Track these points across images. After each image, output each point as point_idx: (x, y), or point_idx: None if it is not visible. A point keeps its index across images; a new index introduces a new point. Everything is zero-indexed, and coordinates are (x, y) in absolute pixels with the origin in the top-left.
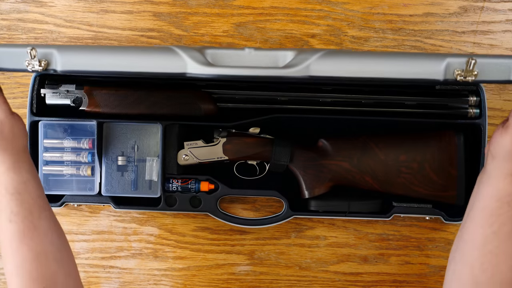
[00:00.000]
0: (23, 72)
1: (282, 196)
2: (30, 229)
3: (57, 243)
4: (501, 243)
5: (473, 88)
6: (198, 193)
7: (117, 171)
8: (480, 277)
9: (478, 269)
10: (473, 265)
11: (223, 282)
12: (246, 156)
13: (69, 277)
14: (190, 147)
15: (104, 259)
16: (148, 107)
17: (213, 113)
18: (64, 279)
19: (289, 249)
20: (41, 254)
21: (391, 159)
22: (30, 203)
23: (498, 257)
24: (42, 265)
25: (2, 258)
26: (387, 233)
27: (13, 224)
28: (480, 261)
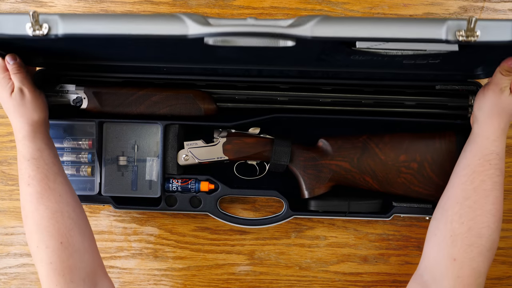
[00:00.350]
0: (24, 37)
1: (282, 196)
2: (46, 191)
3: (72, 204)
4: (480, 198)
5: (473, 88)
6: (198, 193)
7: (117, 171)
8: (458, 230)
9: (456, 222)
10: (452, 219)
11: (223, 282)
12: (246, 156)
13: (83, 235)
14: (190, 147)
15: (104, 259)
16: (148, 107)
17: (213, 113)
18: (79, 236)
19: (289, 249)
20: (57, 212)
21: (391, 159)
22: (45, 168)
23: (475, 212)
24: (58, 222)
25: (24, 220)
26: (387, 233)
27: (31, 187)
28: (459, 214)
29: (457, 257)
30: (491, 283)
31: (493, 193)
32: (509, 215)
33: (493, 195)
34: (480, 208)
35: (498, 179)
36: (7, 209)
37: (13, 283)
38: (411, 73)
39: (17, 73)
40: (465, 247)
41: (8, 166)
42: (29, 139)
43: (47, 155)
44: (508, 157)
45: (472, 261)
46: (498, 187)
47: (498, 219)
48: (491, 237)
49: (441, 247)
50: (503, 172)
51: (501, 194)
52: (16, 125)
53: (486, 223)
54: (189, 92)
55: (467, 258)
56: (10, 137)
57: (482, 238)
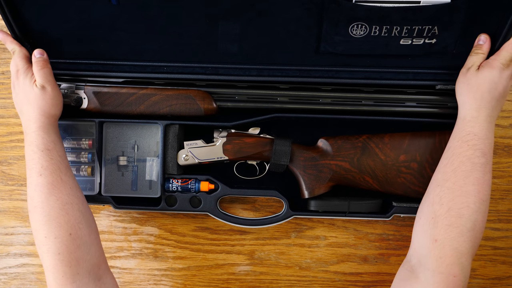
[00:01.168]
0: None
1: (282, 196)
2: (58, 182)
3: (80, 197)
4: (459, 180)
5: None
6: (198, 193)
7: (117, 171)
8: (438, 211)
9: (437, 203)
10: (433, 201)
11: (223, 282)
12: (246, 156)
13: (90, 228)
14: (190, 147)
15: None
16: (148, 107)
17: (213, 113)
18: (86, 229)
19: (289, 249)
20: (68, 204)
21: (391, 159)
22: (58, 160)
23: (454, 193)
24: (68, 214)
25: (31, 211)
26: (387, 233)
27: (43, 178)
28: (439, 196)
29: (438, 237)
30: (491, 283)
31: (473, 174)
32: (509, 215)
33: (473, 176)
34: (459, 189)
35: (478, 160)
36: (7, 209)
37: (13, 283)
38: (411, 72)
39: (43, 68)
40: (445, 227)
41: (8, 166)
42: (44, 130)
43: (60, 148)
44: (508, 157)
45: (453, 241)
46: (480, 168)
47: (479, 200)
48: (471, 217)
49: (424, 229)
50: (487, 153)
51: (484, 175)
52: (31, 115)
53: (465, 203)
54: (189, 92)
55: (447, 238)
56: (10, 137)
57: (462, 218)
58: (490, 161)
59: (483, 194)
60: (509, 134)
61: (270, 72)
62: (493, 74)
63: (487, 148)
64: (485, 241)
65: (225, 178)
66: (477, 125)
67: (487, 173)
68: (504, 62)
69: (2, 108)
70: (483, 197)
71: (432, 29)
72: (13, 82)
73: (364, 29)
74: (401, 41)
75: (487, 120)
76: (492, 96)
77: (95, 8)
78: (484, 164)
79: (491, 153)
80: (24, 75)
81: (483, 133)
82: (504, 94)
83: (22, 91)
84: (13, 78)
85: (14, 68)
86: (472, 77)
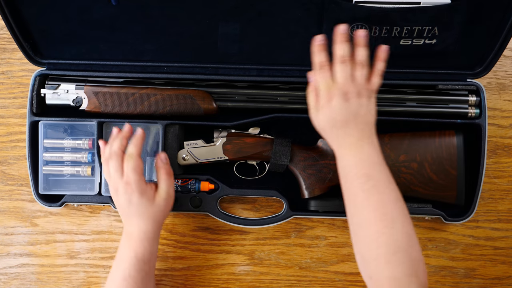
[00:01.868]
0: None
1: (282, 196)
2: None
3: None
4: (361, 212)
5: (473, 88)
6: (198, 193)
7: None
8: (361, 248)
9: (357, 242)
10: (354, 240)
11: (223, 282)
12: (246, 156)
13: None
14: (190, 147)
15: (104, 259)
16: (148, 107)
17: (213, 113)
18: None
19: (289, 249)
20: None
21: (391, 159)
22: (147, 272)
23: (363, 227)
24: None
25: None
26: None
27: (126, 283)
28: (355, 233)
29: (371, 274)
30: (491, 283)
31: (370, 200)
32: (509, 215)
33: (371, 203)
34: (366, 221)
35: (366, 185)
36: (7, 209)
37: (13, 283)
38: (411, 72)
39: (171, 176)
40: (372, 262)
41: (8, 166)
42: (149, 241)
43: (154, 259)
44: (508, 157)
45: (384, 271)
46: (373, 191)
47: (390, 220)
48: (389, 241)
49: (361, 270)
50: (371, 173)
51: (382, 195)
52: (142, 226)
53: (378, 232)
54: (189, 92)
55: (377, 272)
56: (10, 137)
57: (382, 247)
58: (381, 177)
59: (391, 212)
60: (509, 134)
61: (270, 72)
62: (323, 113)
63: (368, 169)
64: (485, 241)
65: (225, 178)
66: (346, 157)
67: (383, 191)
68: (316, 101)
69: (2, 108)
70: (392, 216)
71: (432, 30)
72: (121, 188)
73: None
74: (401, 42)
75: (350, 148)
76: (332, 125)
77: (95, 8)
78: (374, 186)
79: (376, 168)
80: (139, 193)
81: (354, 160)
82: (347, 117)
83: (135, 205)
84: (121, 184)
85: (126, 180)
86: (313, 120)
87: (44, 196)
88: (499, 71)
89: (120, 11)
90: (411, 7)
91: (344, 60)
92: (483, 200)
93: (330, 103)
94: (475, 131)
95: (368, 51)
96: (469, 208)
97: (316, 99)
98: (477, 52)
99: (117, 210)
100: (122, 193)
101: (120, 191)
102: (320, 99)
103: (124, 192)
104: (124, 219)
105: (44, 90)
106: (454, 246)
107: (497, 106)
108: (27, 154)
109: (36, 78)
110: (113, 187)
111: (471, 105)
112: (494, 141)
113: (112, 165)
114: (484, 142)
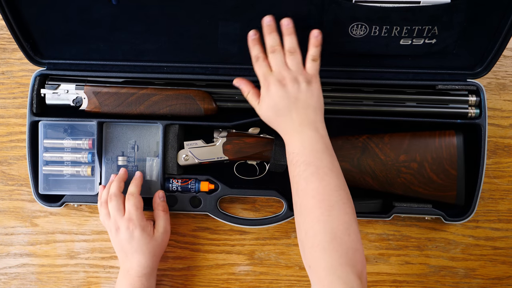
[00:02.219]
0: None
1: (282, 196)
2: None
3: None
4: (302, 200)
5: (473, 88)
6: (198, 193)
7: (117, 171)
8: (301, 237)
9: (299, 230)
10: (297, 229)
11: (223, 282)
12: (246, 156)
13: None
14: (190, 147)
15: (104, 259)
16: (148, 107)
17: (213, 113)
18: None
19: (289, 249)
20: None
21: (391, 159)
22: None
23: (303, 214)
24: None
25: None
26: (387, 233)
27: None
28: (297, 222)
29: (310, 263)
30: (491, 283)
31: (309, 187)
32: (509, 215)
33: (310, 190)
34: (305, 209)
35: (305, 173)
36: (7, 209)
37: (13, 283)
38: (411, 72)
39: (166, 212)
40: (309, 251)
41: (8, 166)
42: (147, 278)
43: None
44: (508, 157)
45: (320, 260)
46: (312, 178)
47: (327, 208)
48: (326, 228)
49: (303, 259)
50: (311, 161)
51: (321, 182)
52: (142, 261)
53: (314, 219)
54: (189, 92)
55: (314, 260)
56: (10, 137)
57: (318, 235)
58: (321, 164)
59: (329, 200)
60: (509, 134)
61: None
62: (265, 103)
63: (308, 156)
64: (485, 241)
65: (225, 178)
66: (290, 144)
67: (322, 178)
68: (257, 97)
69: (2, 108)
70: (330, 203)
71: (432, 29)
72: (123, 226)
73: (364, 29)
74: (401, 41)
75: (293, 134)
76: (275, 113)
77: (95, 8)
78: (314, 173)
79: (318, 155)
80: (140, 228)
81: (296, 146)
82: (287, 103)
83: (137, 240)
84: (123, 221)
85: (124, 215)
86: (259, 114)
87: (44, 196)
88: (499, 71)
89: (120, 11)
90: (411, 6)
91: (274, 49)
92: (483, 200)
93: (269, 91)
94: (475, 131)
95: (295, 38)
96: (469, 208)
97: (256, 97)
98: (477, 52)
99: (115, 250)
100: (124, 230)
101: (121, 228)
102: (260, 92)
103: (126, 228)
104: (123, 256)
105: (44, 90)
106: (454, 246)
107: (497, 106)
108: (27, 154)
109: (36, 78)
110: (113, 226)
111: (471, 105)
112: (494, 141)
113: (113, 205)
114: (484, 142)
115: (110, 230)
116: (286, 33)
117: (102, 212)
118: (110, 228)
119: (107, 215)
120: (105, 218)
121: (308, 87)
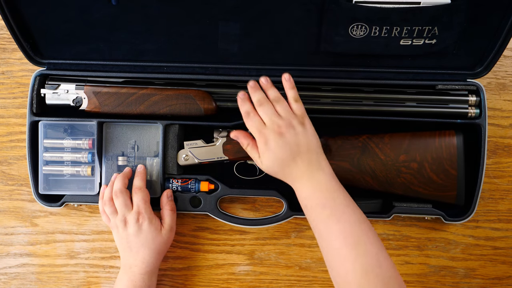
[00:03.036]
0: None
1: (282, 196)
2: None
3: None
4: (327, 242)
5: (473, 88)
6: (198, 193)
7: (117, 171)
8: (333, 277)
9: (330, 269)
10: (328, 265)
11: (223, 282)
12: (246, 156)
13: None
14: (190, 147)
15: (104, 259)
16: (148, 107)
17: (213, 113)
18: None
19: (289, 249)
20: None
21: (391, 159)
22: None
23: (333, 256)
24: None
25: None
26: (387, 233)
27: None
28: (327, 261)
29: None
30: (491, 283)
31: (330, 229)
32: (509, 215)
33: (330, 232)
34: (333, 250)
35: (324, 216)
36: (7, 209)
37: (13, 283)
38: (411, 72)
39: (175, 211)
40: None
41: (8, 166)
42: (149, 276)
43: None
44: (508, 157)
45: None
46: (331, 219)
47: (352, 245)
48: (355, 266)
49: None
50: (326, 203)
51: (338, 223)
52: (146, 258)
53: (343, 258)
54: (189, 92)
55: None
56: (10, 137)
57: (349, 274)
58: (335, 203)
59: (351, 237)
60: (509, 134)
61: (270, 72)
62: (267, 158)
63: (321, 199)
64: (485, 241)
65: (225, 178)
66: (300, 190)
67: (341, 217)
68: (257, 151)
69: (2, 108)
70: (354, 240)
71: (432, 30)
72: (132, 219)
73: (364, 30)
74: (401, 42)
75: (301, 180)
76: (279, 165)
77: (95, 8)
78: (330, 215)
79: (330, 195)
80: (149, 220)
81: (307, 192)
82: (290, 151)
83: (145, 232)
84: (131, 215)
85: (132, 210)
86: (264, 169)
87: (44, 196)
88: (499, 71)
89: (120, 11)
90: (411, 7)
91: (262, 102)
92: (483, 200)
93: (268, 145)
94: (475, 131)
95: (276, 90)
96: (469, 208)
97: (256, 149)
98: (477, 52)
99: (118, 247)
100: (133, 223)
101: (130, 222)
102: (258, 146)
103: (135, 222)
104: (127, 252)
105: (44, 90)
106: (454, 246)
107: (497, 106)
108: (27, 154)
109: (36, 78)
110: (121, 222)
111: (471, 105)
112: (494, 141)
113: (120, 201)
114: (484, 142)
115: (117, 226)
116: (266, 88)
117: (107, 211)
118: (117, 225)
119: (113, 213)
120: (111, 215)
121: (304, 128)
